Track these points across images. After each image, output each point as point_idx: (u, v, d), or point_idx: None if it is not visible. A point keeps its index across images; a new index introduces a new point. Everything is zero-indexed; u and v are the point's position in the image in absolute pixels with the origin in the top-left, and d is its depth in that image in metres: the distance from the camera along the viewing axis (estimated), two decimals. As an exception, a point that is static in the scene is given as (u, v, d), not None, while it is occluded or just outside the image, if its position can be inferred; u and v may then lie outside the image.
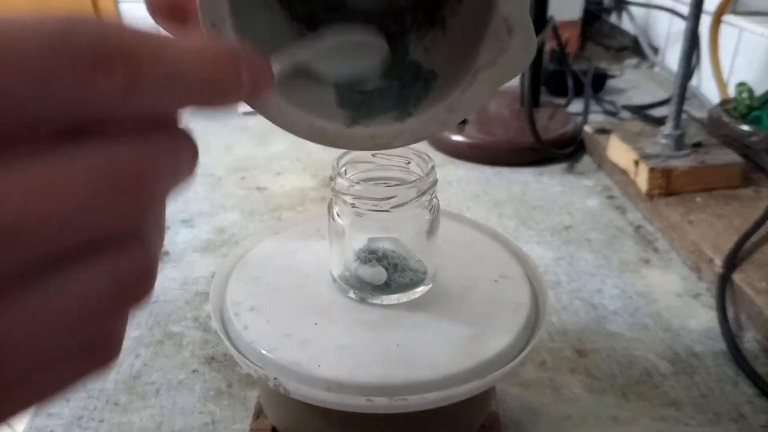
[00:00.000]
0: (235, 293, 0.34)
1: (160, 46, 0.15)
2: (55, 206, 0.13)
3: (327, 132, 0.27)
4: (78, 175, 0.13)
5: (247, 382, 0.43)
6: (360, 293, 0.33)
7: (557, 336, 0.48)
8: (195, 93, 0.16)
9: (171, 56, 0.15)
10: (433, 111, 0.26)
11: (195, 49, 0.16)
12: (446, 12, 0.28)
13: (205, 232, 0.61)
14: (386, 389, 0.29)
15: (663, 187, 0.62)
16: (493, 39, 0.24)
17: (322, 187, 0.69)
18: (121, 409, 0.41)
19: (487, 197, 0.68)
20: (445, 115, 0.26)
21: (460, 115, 0.26)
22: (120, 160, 0.14)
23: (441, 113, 0.26)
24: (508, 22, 0.23)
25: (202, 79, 0.16)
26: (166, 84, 0.15)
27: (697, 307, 0.51)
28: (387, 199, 0.31)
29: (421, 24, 0.29)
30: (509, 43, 0.24)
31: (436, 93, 0.27)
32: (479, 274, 0.36)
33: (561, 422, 0.40)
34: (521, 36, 0.23)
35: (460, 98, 0.25)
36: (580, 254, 0.58)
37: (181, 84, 0.15)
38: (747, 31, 0.85)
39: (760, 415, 0.41)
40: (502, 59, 0.24)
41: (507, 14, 0.23)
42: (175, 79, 0.15)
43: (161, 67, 0.14)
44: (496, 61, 0.24)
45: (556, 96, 0.92)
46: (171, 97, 0.15)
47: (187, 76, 0.15)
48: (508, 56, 0.24)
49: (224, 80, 0.16)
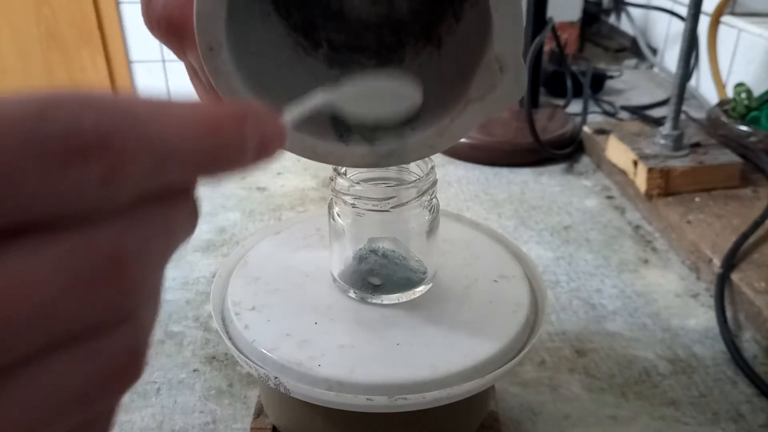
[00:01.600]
0: (236, 293, 0.34)
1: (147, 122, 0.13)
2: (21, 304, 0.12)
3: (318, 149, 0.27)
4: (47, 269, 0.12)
5: (247, 382, 0.43)
6: (360, 293, 0.33)
7: (556, 335, 0.48)
8: (191, 168, 0.14)
9: (160, 133, 0.13)
10: (424, 135, 0.27)
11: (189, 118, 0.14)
12: (443, 30, 0.28)
13: (206, 232, 0.61)
14: (386, 388, 0.29)
15: (662, 188, 0.63)
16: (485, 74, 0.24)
17: (322, 187, 0.70)
18: (122, 408, 0.41)
19: (487, 197, 0.68)
20: (435, 140, 0.27)
21: (450, 140, 0.26)
22: (96, 246, 0.13)
23: (431, 137, 0.27)
24: (501, 61, 0.23)
25: (199, 152, 0.14)
26: (155, 166, 0.13)
27: (695, 306, 0.51)
28: (387, 199, 0.31)
29: (418, 38, 0.29)
30: (500, 79, 0.24)
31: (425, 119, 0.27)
32: (479, 274, 0.36)
33: (560, 421, 0.41)
34: (512, 74, 0.24)
35: (450, 126, 0.26)
36: (580, 254, 0.58)
37: (172, 162, 0.14)
38: (745, 32, 0.85)
39: (759, 415, 0.41)
40: (492, 94, 0.25)
41: (500, 53, 0.23)
42: (164, 158, 0.13)
43: (147, 150, 0.13)
44: (486, 96, 0.25)
45: (555, 97, 0.92)
46: (162, 177, 0.14)
47: (180, 152, 0.14)
48: (499, 92, 0.24)
49: (226, 149, 0.15)
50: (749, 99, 0.72)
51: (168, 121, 0.14)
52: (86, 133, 0.12)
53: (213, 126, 0.14)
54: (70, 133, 0.12)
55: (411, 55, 0.29)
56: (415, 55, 0.29)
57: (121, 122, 0.13)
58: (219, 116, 0.15)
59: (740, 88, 0.73)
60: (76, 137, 0.12)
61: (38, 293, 0.12)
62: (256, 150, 0.16)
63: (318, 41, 0.29)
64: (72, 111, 0.12)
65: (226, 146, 0.15)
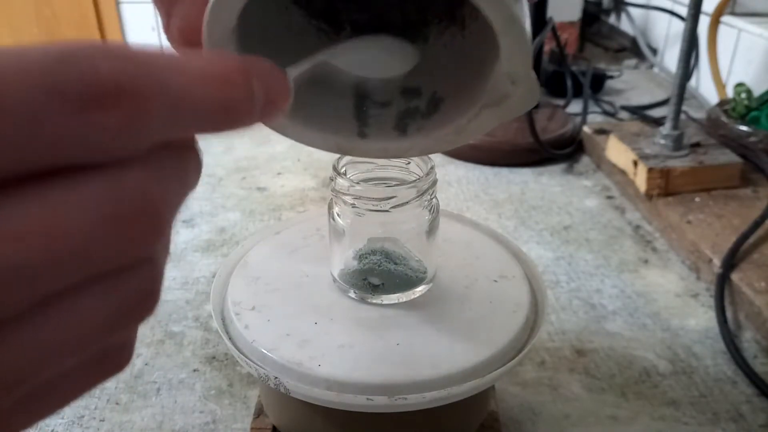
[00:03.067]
0: (236, 293, 0.34)
1: (162, 73, 0.13)
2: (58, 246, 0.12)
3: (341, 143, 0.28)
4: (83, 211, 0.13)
5: (247, 382, 0.43)
6: (360, 293, 0.33)
7: (556, 335, 0.48)
8: (203, 119, 0.15)
9: (174, 82, 0.14)
10: (442, 132, 0.27)
11: (201, 69, 0.15)
12: (466, 12, 0.28)
13: (206, 232, 0.61)
14: (386, 388, 0.29)
15: (662, 188, 0.63)
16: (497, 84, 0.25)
17: (322, 187, 0.70)
18: (122, 408, 0.41)
19: (487, 197, 0.68)
20: (453, 137, 0.27)
21: (467, 138, 0.27)
22: (125, 189, 0.13)
23: (449, 134, 0.27)
24: (512, 77, 0.24)
25: (211, 103, 0.15)
26: (170, 114, 0.14)
27: (695, 306, 0.51)
28: (387, 199, 0.31)
29: (442, 17, 0.29)
30: (513, 91, 0.24)
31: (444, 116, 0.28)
32: (479, 274, 0.36)
33: (560, 421, 0.41)
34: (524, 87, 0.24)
35: (467, 126, 0.27)
36: (579, 254, 0.58)
37: (186, 111, 0.14)
38: (745, 32, 0.85)
39: (759, 415, 0.41)
40: (506, 103, 0.25)
41: (510, 71, 0.24)
42: (179, 107, 0.14)
43: (162, 98, 0.13)
44: (499, 104, 0.25)
45: (555, 97, 0.92)
46: (176, 127, 0.14)
47: (194, 102, 0.14)
48: (512, 101, 0.25)
49: (235, 101, 0.15)
50: (749, 99, 0.72)
51: (181, 72, 0.14)
52: (105, 79, 0.12)
53: (224, 78, 0.15)
54: (89, 79, 0.12)
55: (435, 33, 0.29)
56: (439, 34, 0.29)
57: (138, 71, 0.13)
58: (228, 69, 0.15)
59: (740, 88, 0.73)
60: (95, 83, 0.12)
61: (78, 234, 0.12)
62: (263, 103, 0.16)
63: (341, 24, 0.29)
64: (91, 57, 0.12)
65: (235, 97, 0.15)
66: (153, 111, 0.13)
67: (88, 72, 0.12)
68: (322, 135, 0.27)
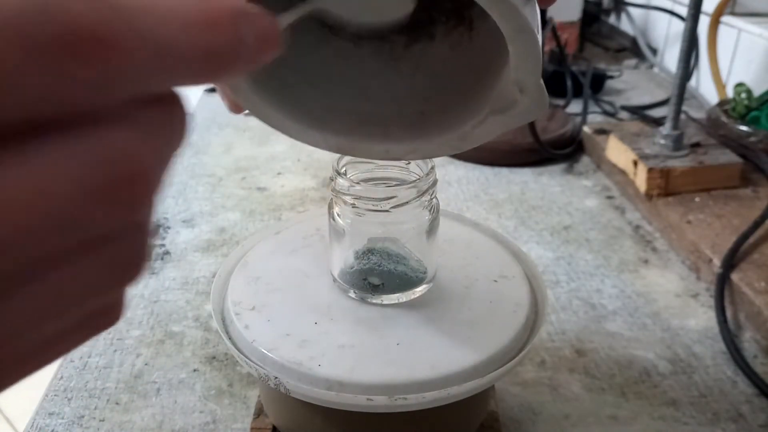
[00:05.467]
0: (236, 293, 0.34)
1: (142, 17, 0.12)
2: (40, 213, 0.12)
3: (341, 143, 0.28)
4: (65, 175, 0.12)
5: (247, 382, 0.43)
6: (360, 293, 0.33)
7: (556, 335, 0.48)
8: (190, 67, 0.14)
9: (157, 29, 0.13)
10: (446, 137, 0.27)
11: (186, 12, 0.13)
12: (474, 13, 0.28)
13: (206, 232, 0.61)
14: (386, 388, 0.29)
15: (662, 188, 0.63)
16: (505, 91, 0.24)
17: (322, 187, 0.70)
18: (122, 408, 0.41)
19: (487, 197, 0.68)
20: (457, 142, 0.27)
21: (472, 144, 0.27)
22: (111, 150, 0.13)
23: (453, 140, 0.27)
24: (520, 85, 0.23)
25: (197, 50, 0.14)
26: (154, 63, 0.13)
27: (695, 306, 0.51)
28: (387, 199, 0.31)
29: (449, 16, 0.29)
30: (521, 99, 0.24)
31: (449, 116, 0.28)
32: (479, 274, 0.36)
33: (560, 421, 0.41)
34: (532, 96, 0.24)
35: (471, 132, 0.26)
36: (579, 254, 0.58)
37: (172, 60, 0.13)
38: (745, 32, 0.85)
39: (759, 415, 0.41)
40: (512, 111, 0.25)
41: (518, 80, 0.23)
42: (163, 55, 0.13)
43: (146, 46, 0.12)
44: (505, 111, 0.25)
45: (555, 97, 0.92)
46: (162, 76, 0.13)
47: (179, 49, 0.13)
48: (519, 108, 0.25)
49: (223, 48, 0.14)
50: (749, 99, 0.72)
51: (163, 16, 0.13)
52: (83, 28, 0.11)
53: (209, 22, 0.14)
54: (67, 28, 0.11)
55: (442, 32, 0.29)
56: (446, 33, 0.29)
57: (115, 15, 0.12)
58: (214, 12, 0.14)
59: (740, 88, 0.73)
60: (74, 32, 0.11)
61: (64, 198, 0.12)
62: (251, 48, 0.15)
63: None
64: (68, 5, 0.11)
65: (222, 43, 0.14)
66: (135, 59, 0.12)
67: (67, 19, 0.11)
68: (323, 135, 0.27)
